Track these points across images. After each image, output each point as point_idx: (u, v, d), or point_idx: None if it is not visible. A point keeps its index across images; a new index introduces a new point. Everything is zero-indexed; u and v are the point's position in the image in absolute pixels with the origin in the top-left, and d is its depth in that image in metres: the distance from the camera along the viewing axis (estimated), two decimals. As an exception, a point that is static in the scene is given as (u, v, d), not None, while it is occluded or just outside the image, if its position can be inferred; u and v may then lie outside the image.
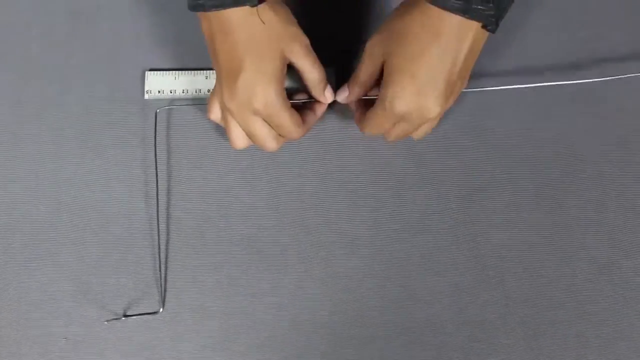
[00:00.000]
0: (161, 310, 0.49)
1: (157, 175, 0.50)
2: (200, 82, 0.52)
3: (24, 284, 0.50)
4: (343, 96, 0.48)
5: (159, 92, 0.52)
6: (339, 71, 0.51)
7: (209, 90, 0.52)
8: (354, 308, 0.50)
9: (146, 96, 0.52)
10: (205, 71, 0.52)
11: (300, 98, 0.49)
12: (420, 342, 0.49)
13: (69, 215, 0.51)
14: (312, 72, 0.45)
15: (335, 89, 0.49)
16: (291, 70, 0.46)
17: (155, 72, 0.52)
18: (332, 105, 0.49)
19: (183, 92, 0.52)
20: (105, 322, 0.49)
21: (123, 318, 0.49)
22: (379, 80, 0.45)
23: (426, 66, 0.41)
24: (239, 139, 0.46)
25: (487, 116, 0.53)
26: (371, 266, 0.50)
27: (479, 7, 0.39)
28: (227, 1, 0.40)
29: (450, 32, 0.40)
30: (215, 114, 0.47)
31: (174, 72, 0.52)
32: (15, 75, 0.52)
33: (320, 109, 0.48)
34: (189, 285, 0.50)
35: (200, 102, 0.52)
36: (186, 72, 0.52)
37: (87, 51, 0.53)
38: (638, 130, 0.53)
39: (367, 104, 0.47)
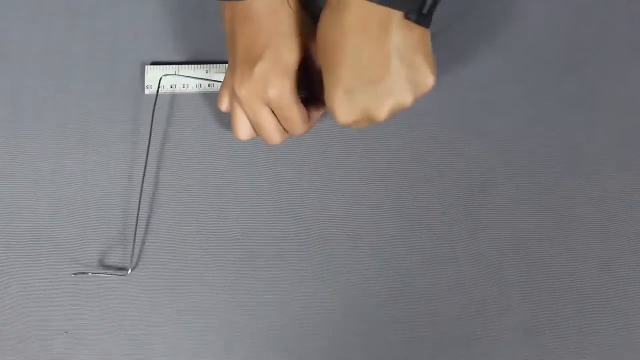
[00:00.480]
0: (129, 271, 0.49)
1: (148, 148, 0.51)
2: (201, 75, 0.52)
3: (25, 279, 0.50)
4: None
5: (159, 86, 0.52)
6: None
7: (209, 85, 0.52)
8: (353, 304, 0.50)
9: (146, 91, 0.52)
10: (205, 65, 0.52)
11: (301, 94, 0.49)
12: (420, 338, 0.49)
13: (70, 211, 0.50)
14: None
15: None
16: None
17: (156, 66, 0.52)
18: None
19: (184, 87, 0.52)
20: (72, 275, 0.49)
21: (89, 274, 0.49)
22: None
23: (351, 71, 0.40)
24: (243, 129, 0.46)
25: (488, 113, 0.53)
26: (371, 262, 0.50)
27: None
28: None
29: (365, 18, 0.38)
30: (226, 103, 0.47)
31: (174, 66, 0.52)
32: (14, 71, 0.52)
33: (324, 107, 0.48)
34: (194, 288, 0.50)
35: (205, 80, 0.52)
36: (187, 66, 0.52)
37: (86, 46, 0.53)
38: (638, 126, 0.53)
39: None
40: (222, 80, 0.50)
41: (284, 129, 0.46)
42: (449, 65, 0.51)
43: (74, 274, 0.49)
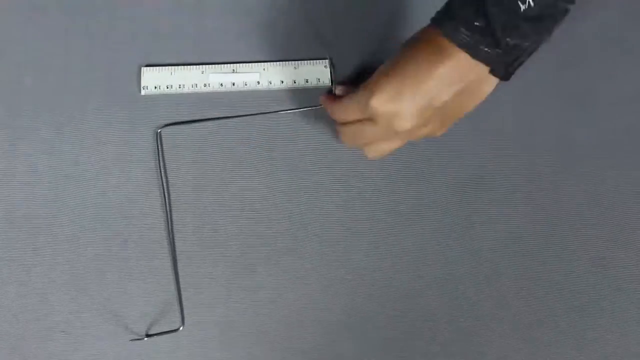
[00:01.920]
0: (182, 328, 0.49)
1: (165, 198, 0.50)
2: (197, 76, 0.52)
3: (23, 280, 0.50)
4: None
5: (155, 87, 0.52)
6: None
7: (205, 85, 0.52)
8: (349, 301, 0.50)
9: (142, 92, 0.52)
10: (201, 66, 0.52)
11: None
12: (414, 335, 0.50)
13: (67, 212, 0.51)
14: None
15: (331, 79, 0.50)
16: None
17: (151, 67, 0.52)
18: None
19: (180, 87, 0.52)
20: (130, 341, 0.49)
21: (145, 338, 0.49)
22: None
23: (416, 80, 0.40)
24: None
25: (482, 110, 0.53)
26: (366, 261, 0.51)
27: (486, 49, 0.38)
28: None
29: (453, 64, 0.39)
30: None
31: (169, 67, 0.52)
32: (10, 72, 0.52)
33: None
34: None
35: (200, 120, 0.52)
36: (182, 67, 0.52)
37: (82, 48, 0.53)
38: (633, 124, 0.53)
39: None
40: (217, 81, 0.51)
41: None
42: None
43: (132, 340, 0.49)
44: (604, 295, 0.51)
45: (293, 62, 0.53)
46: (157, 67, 0.52)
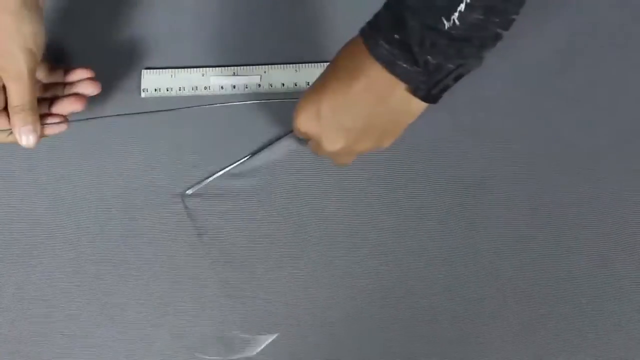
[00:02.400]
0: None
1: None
2: (197, 79, 0.52)
3: (22, 281, 0.49)
4: None
5: (155, 90, 0.52)
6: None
7: (205, 88, 0.52)
8: (350, 302, 0.50)
9: (143, 95, 0.52)
10: (202, 68, 0.52)
11: None
12: (415, 335, 0.49)
13: (66, 213, 0.50)
14: None
15: None
16: None
17: (151, 70, 0.52)
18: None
19: (180, 90, 0.52)
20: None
21: None
22: None
23: (334, 100, 0.38)
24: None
25: (483, 111, 0.53)
26: (367, 261, 0.50)
27: (404, 65, 0.35)
28: None
29: (371, 80, 0.37)
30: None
31: (170, 70, 0.52)
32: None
33: None
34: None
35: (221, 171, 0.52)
36: (182, 69, 0.52)
37: (82, 50, 0.53)
38: (634, 125, 0.53)
39: None
40: (217, 84, 0.51)
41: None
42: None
43: None
44: (605, 296, 0.50)
45: (294, 64, 0.53)
46: (158, 70, 0.52)
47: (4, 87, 0.44)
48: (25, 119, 0.44)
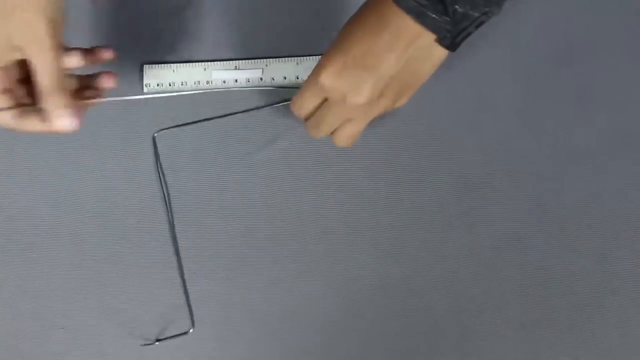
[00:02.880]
0: (191, 330, 0.49)
1: (166, 200, 0.50)
2: (199, 73, 0.52)
3: (20, 277, 0.50)
4: None
5: (157, 85, 0.52)
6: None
7: (207, 82, 0.52)
8: (350, 300, 0.50)
9: (145, 90, 0.52)
10: (203, 63, 0.52)
11: None
12: (415, 332, 0.50)
13: (66, 210, 0.51)
14: None
15: None
16: None
17: (153, 65, 0.52)
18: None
19: (182, 85, 0.52)
20: (140, 346, 0.49)
21: (156, 343, 0.49)
22: None
23: (361, 50, 0.39)
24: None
25: (483, 109, 0.53)
26: (368, 258, 0.51)
27: (434, 15, 0.37)
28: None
29: (398, 30, 0.38)
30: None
31: (172, 64, 0.52)
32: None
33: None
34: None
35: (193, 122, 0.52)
36: (184, 64, 0.52)
37: (85, 45, 0.53)
38: (634, 123, 0.53)
39: None
40: (219, 78, 0.51)
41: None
42: (445, 60, 0.51)
43: (142, 345, 0.49)
44: (606, 295, 0.51)
45: (295, 58, 0.53)
46: (159, 65, 0.52)
47: (18, 63, 0.39)
48: (58, 102, 0.38)
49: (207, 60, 0.52)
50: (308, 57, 0.53)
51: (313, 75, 0.42)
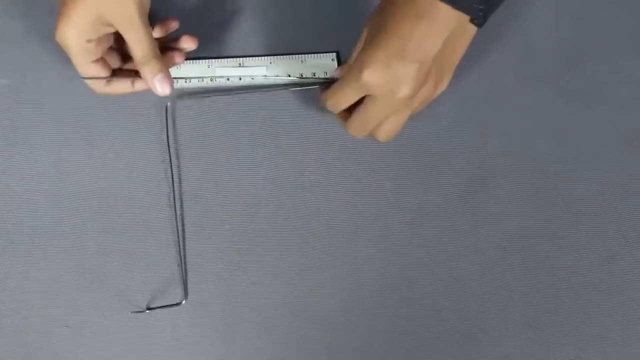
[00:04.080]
0: (184, 302, 0.49)
1: (172, 171, 0.50)
2: (203, 70, 0.52)
3: (24, 272, 0.50)
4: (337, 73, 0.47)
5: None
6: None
7: (211, 79, 0.52)
8: (354, 298, 0.50)
9: (149, 86, 0.52)
10: (207, 60, 0.52)
11: None
12: (419, 331, 0.50)
13: (70, 204, 0.51)
14: None
15: None
16: None
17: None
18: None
19: (186, 82, 0.52)
20: (130, 313, 0.49)
21: (147, 311, 0.49)
22: None
23: (400, 42, 0.40)
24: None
25: (489, 107, 0.53)
26: (372, 257, 0.50)
27: None
28: None
29: (435, 17, 0.39)
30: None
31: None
32: (14, 64, 0.52)
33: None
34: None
35: (204, 92, 0.52)
36: (188, 61, 0.52)
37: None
38: (638, 122, 0.53)
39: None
40: (223, 75, 0.51)
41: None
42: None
43: (132, 312, 0.49)
44: (611, 295, 0.50)
45: (300, 55, 0.53)
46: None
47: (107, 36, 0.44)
48: (154, 69, 0.44)
49: (211, 57, 0.52)
50: (312, 55, 0.52)
51: (353, 74, 0.42)
